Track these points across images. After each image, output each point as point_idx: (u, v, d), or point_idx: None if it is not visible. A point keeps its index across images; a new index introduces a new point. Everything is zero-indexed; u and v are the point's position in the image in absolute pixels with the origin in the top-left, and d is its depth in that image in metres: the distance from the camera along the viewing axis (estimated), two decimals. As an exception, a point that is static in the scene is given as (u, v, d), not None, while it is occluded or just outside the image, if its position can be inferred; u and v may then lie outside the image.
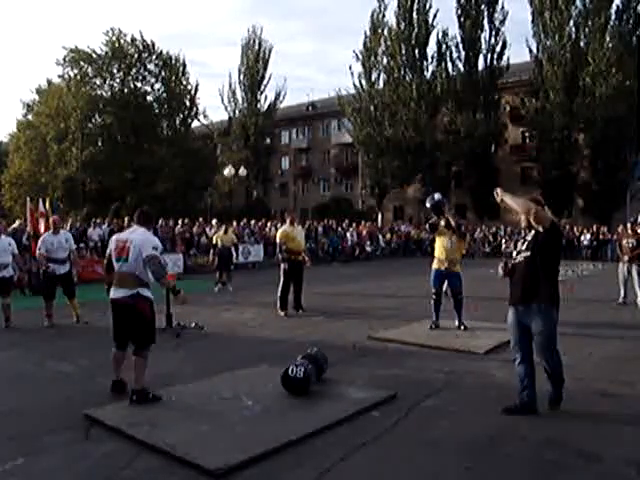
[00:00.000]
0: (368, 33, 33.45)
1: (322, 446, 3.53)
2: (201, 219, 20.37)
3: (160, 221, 17.94)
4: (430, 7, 32.33)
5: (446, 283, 7.60)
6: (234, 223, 19.94)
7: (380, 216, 33.65)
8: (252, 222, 21.15)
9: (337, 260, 20.51)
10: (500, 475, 3.20)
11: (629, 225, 10.58)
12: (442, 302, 7.48)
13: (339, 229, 22.82)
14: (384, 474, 3.19)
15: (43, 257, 7.71)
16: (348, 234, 22.56)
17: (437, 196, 7.52)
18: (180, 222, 18.40)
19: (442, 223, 7.50)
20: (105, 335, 7.19)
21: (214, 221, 20.05)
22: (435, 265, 7.52)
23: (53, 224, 8.11)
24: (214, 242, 12.38)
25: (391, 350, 6.17)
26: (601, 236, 22.81)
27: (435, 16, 32.43)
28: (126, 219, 17.71)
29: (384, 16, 33.26)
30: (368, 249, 22.60)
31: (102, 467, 3.26)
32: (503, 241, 24.41)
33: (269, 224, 21.29)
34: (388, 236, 24.65)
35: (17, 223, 13.61)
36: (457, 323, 7.36)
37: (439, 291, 7.47)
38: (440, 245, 7.48)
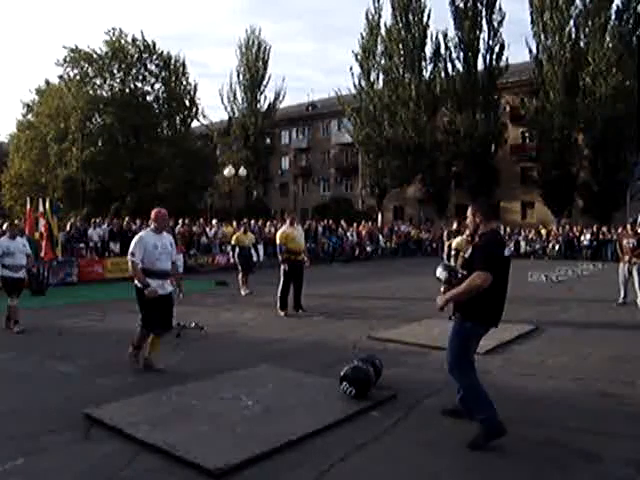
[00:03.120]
0: (365, 33, 33.50)
1: (322, 446, 3.54)
2: (202, 219, 20.38)
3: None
4: (425, 7, 32.38)
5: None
6: (234, 223, 19.96)
7: (380, 216, 33.66)
8: (252, 222, 21.17)
9: (337, 260, 20.50)
10: (500, 475, 3.20)
11: (629, 225, 10.58)
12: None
13: (339, 229, 22.82)
14: (384, 474, 3.19)
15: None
16: (348, 234, 22.56)
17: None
18: (180, 222, 18.41)
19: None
20: (105, 335, 7.24)
21: (214, 221, 20.09)
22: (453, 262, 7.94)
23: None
24: (233, 243, 11.87)
25: (391, 350, 6.17)
26: (601, 236, 22.80)
27: (429, 16, 32.49)
28: (126, 219, 17.76)
29: (380, 16, 33.36)
30: (368, 249, 22.59)
31: (102, 467, 3.26)
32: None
33: (269, 224, 21.29)
34: (392, 238, 24.60)
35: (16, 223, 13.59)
36: None
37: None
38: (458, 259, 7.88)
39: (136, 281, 5.12)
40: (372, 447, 3.53)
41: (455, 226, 10.56)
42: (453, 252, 8.52)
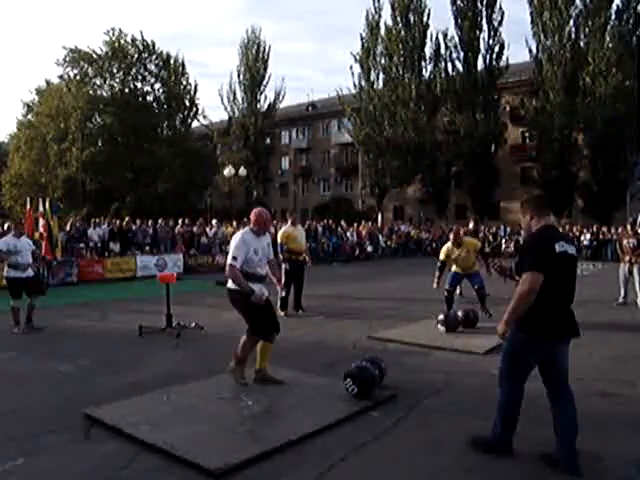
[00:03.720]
0: (365, 34, 33.51)
1: (322, 446, 3.53)
2: (202, 219, 20.38)
3: (160, 221, 17.95)
4: (425, 7, 32.39)
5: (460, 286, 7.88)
6: (234, 223, 19.96)
7: (380, 216, 33.67)
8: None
9: (337, 260, 20.50)
10: (500, 475, 3.20)
11: (629, 225, 10.59)
12: (454, 301, 7.87)
13: (339, 229, 22.82)
14: (384, 474, 3.19)
15: None
16: (348, 234, 22.56)
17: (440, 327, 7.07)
18: (180, 222, 18.40)
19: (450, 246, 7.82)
20: (105, 335, 7.24)
21: (214, 221, 20.08)
22: (454, 268, 7.97)
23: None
24: None
25: (391, 350, 6.16)
26: (601, 236, 22.80)
27: (429, 16, 32.47)
28: (126, 219, 17.76)
29: (380, 16, 33.37)
30: (368, 249, 22.59)
31: (102, 467, 3.26)
32: (503, 241, 24.40)
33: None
34: (392, 238, 24.59)
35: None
36: (481, 312, 7.49)
37: (452, 290, 7.79)
38: (453, 263, 7.93)
39: (233, 286, 4.61)
40: (372, 447, 3.53)
41: (472, 225, 10.47)
42: (439, 263, 8.00)
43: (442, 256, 7.96)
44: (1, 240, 7.74)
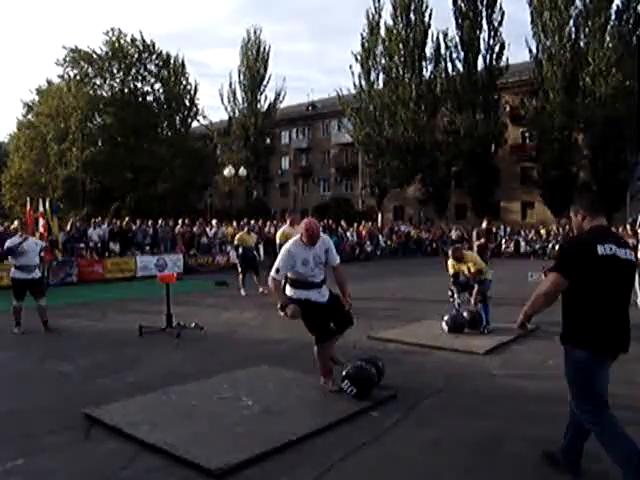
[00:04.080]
0: (365, 33, 33.51)
1: (322, 446, 3.53)
2: (202, 219, 20.39)
3: (160, 221, 17.96)
4: (427, 7, 32.38)
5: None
6: (234, 223, 19.97)
7: (380, 216, 33.66)
8: (252, 222, 21.16)
9: (337, 260, 20.46)
10: (500, 475, 3.20)
11: (629, 225, 10.59)
12: (457, 301, 7.69)
13: (339, 229, 22.82)
14: (384, 474, 3.19)
15: None
16: (348, 234, 22.56)
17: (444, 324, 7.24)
18: (180, 222, 18.41)
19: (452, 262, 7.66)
20: (105, 335, 7.24)
21: (214, 221, 20.10)
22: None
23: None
24: (236, 243, 11.75)
25: (391, 350, 6.16)
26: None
27: (430, 16, 32.42)
28: (126, 219, 17.75)
29: (380, 16, 33.35)
30: (368, 249, 22.58)
31: (102, 467, 3.26)
32: (503, 241, 24.40)
33: (269, 224, 21.30)
34: (392, 238, 24.57)
35: (16, 223, 13.58)
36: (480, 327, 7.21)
37: (456, 291, 7.66)
38: (462, 275, 7.72)
39: (290, 294, 4.70)
40: (372, 447, 3.53)
41: (485, 225, 10.28)
42: (451, 279, 7.81)
43: (451, 270, 7.81)
44: (8, 241, 7.75)
